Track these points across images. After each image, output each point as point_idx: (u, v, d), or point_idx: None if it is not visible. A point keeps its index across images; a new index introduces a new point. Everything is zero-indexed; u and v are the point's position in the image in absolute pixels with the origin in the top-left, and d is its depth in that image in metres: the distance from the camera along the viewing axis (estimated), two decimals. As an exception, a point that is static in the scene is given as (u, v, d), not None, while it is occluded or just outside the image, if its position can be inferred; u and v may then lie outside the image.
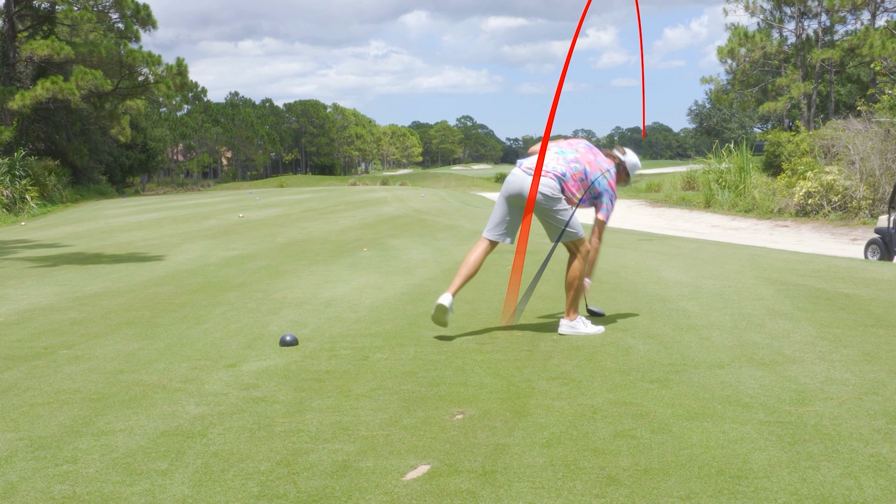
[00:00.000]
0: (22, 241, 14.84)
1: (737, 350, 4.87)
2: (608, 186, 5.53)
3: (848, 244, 15.89)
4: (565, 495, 2.83)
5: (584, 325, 5.41)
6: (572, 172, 5.40)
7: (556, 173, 5.34)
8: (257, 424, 3.66)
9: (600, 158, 5.58)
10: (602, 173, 5.50)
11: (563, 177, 5.35)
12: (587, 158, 5.51)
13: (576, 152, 5.51)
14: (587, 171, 5.46)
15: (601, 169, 5.52)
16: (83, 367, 4.77)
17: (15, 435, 3.57)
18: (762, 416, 3.61)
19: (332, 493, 2.89)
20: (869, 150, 20.90)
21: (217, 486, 2.96)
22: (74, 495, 2.91)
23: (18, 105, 30.32)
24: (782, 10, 39.24)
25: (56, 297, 7.53)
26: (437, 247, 11.68)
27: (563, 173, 5.36)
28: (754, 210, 23.66)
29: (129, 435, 3.54)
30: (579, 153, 5.51)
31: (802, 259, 9.70)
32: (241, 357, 4.97)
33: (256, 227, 16.50)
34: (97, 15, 35.15)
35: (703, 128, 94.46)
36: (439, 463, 3.15)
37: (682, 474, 2.98)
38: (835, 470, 3.00)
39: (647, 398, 3.92)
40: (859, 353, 4.74)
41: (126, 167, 50.81)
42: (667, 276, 8.14)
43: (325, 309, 6.58)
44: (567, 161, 5.42)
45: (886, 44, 30.04)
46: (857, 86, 43.30)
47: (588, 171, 5.46)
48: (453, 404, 3.90)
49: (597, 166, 5.51)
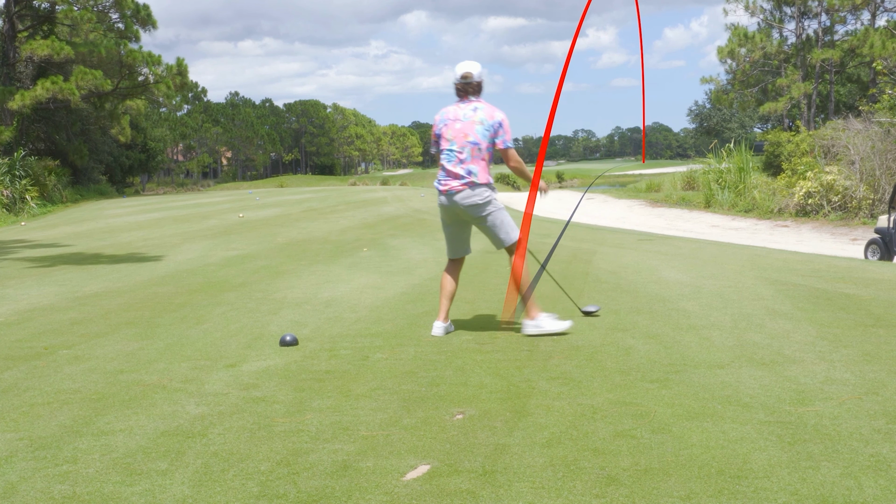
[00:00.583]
0: (22, 241, 14.84)
1: (737, 350, 4.87)
2: (490, 125, 5.30)
3: (848, 244, 15.89)
4: (565, 495, 2.83)
5: (549, 322, 5.36)
6: (470, 161, 5.29)
7: (468, 179, 5.26)
8: (257, 424, 3.66)
9: (466, 121, 5.32)
10: (478, 123, 5.30)
11: (471, 174, 5.28)
12: (462, 134, 5.30)
13: (453, 142, 5.32)
14: (472, 143, 5.28)
15: (473, 127, 5.30)
16: (83, 367, 4.77)
17: (15, 435, 3.58)
18: (762, 416, 3.61)
19: (332, 493, 2.89)
20: (869, 150, 20.90)
21: (217, 486, 2.96)
22: (74, 495, 2.91)
23: (18, 105, 30.34)
24: (782, 11, 39.27)
25: (56, 297, 7.53)
26: (437, 247, 11.68)
27: (468, 171, 5.28)
28: (754, 210, 23.66)
29: (129, 435, 3.54)
30: (457, 139, 5.31)
31: (802, 259, 9.71)
32: (241, 357, 4.97)
33: (256, 227, 16.50)
34: (97, 15, 35.17)
35: (703, 128, 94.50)
36: (439, 463, 3.15)
37: (682, 474, 2.98)
38: (835, 470, 3.00)
39: (647, 398, 3.92)
40: (859, 353, 4.74)
41: (126, 167, 50.85)
42: (667, 276, 8.14)
43: (325, 309, 6.58)
44: (461, 160, 5.28)
45: (886, 44, 30.06)
46: (858, 86, 43.34)
47: (475, 143, 5.29)
48: (453, 404, 3.90)
49: (471, 129, 5.29)
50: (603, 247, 11.24)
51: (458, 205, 5.34)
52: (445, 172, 5.36)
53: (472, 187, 5.30)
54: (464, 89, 5.43)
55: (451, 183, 5.33)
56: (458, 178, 5.31)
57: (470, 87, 5.42)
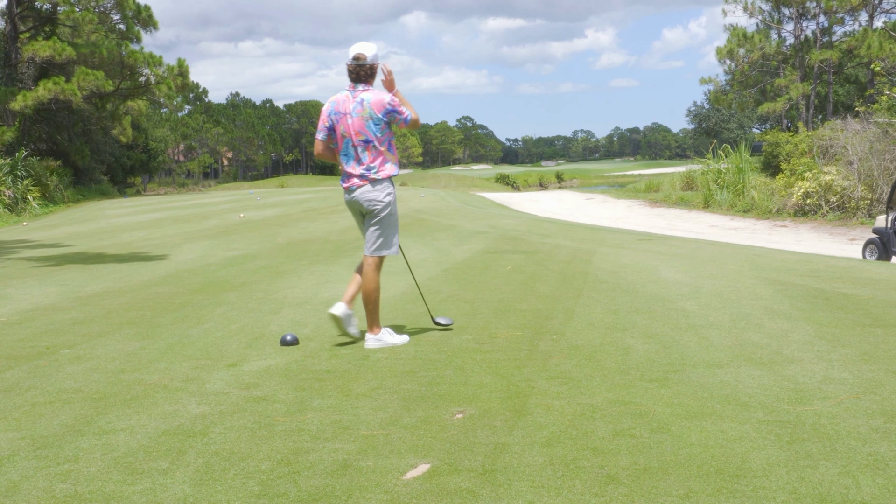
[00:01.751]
0: (24, 242, 14.85)
1: (735, 349, 4.89)
2: (381, 118, 5.05)
3: (846, 244, 15.92)
4: (565, 494, 2.84)
5: (391, 336, 5.23)
6: (368, 159, 5.08)
7: (369, 176, 5.08)
8: (258, 424, 3.67)
9: (356, 117, 5.06)
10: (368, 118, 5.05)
11: (371, 170, 5.07)
12: (355, 132, 5.06)
13: (347, 140, 5.09)
14: (365, 140, 5.06)
15: (364, 125, 5.05)
16: (85, 367, 4.79)
17: (17, 434, 3.59)
18: (761, 416, 3.63)
19: (332, 491, 2.91)
20: (867, 150, 20.93)
21: (218, 485, 2.98)
22: (76, 494, 2.92)
23: (20, 106, 30.42)
24: (781, 11, 39.28)
25: (58, 297, 7.54)
26: (437, 247, 11.70)
27: (368, 168, 5.08)
28: (753, 210, 23.68)
29: (131, 434, 3.56)
30: (350, 137, 5.08)
31: (801, 259, 9.72)
32: (241, 356, 4.99)
33: (257, 227, 16.51)
34: (99, 16, 35.22)
35: (702, 128, 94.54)
36: (439, 462, 3.16)
37: (681, 473, 3.00)
38: (833, 469, 3.01)
39: (646, 397, 3.94)
40: (857, 353, 4.76)
41: (127, 167, 50.89)
42: (666, 275, 8.15)
43: (326, 308, 6.59)
44: (359, 160, 5.10)
45: (884, 45, 30.04)
46: (856, 86, 43.33)
47: (367, 140, 5.05)
48: (453, 403, 3.92)
49: (362, 127, 5.05)
50: (602, 247, 11.25)
51: (359, 200, 5.13)
52: (346, 172, 5.15)
53: (372, 183, 5.10)
54: (355, 72, 5.07)
55: (353, 180, 5.12)
56: (358, 176, 5.10)
57: (362, 69, 5.06)
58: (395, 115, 5.09)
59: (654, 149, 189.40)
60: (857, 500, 2.76)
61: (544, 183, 74.10)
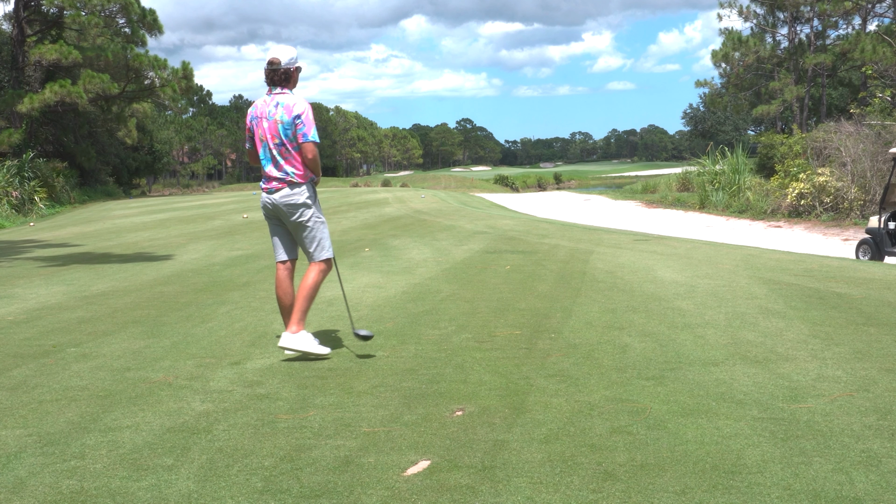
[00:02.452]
0: (31, 242, 14.89)
1: (731, 348, 4.94)
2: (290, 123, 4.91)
3: (840, 244, 15.99)
4: (563, 490, 2.89)
5: (311, 342, 4.96)
6: (284, 162, 4.97)
7: (287, 179, 4.96)
8: (261, 421, 3.72)
9: (270, 120, 4.95)
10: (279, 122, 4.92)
11: (289, 174, 4.96)
12: (270, 135, 4.95)
13: (265, 143, 4.98)
14: (279, 144, 4.93)
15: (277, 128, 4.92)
16: (91, 365, 4.84)
17: (24, 431, 3.64)
18: (756, 413, 3.68)
19: (334, 488, 2.95)
20: (860, 152, 21.00)
21: (222, 482, 3.02)
22: (82, 490, 2.97)
23: (27, 108, 30.55)
24: (775, 15, 39.39)
25: (64, 296, 7.59)
26: (438, 247, 11.75)
27: (285, 172, 4.96)
28: (748, 211, 23.75)
29: (136, 431, 3.60)
30: (266, 140, 4.97)
31: (795, 259, 9.77)
32: (245, 355, 5.04)
33: (260, 227, 16.53)
34: (104, 20, 35.33)
35: (697, 130, 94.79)
36: (439, 458, 3.21)
37: (677, 470, 3.04)
38: (827, 465, 3.06)
39: (642, 395, 3.99)
40: (851, 351, 4.81)
41: (132, 169, 50.94)
42: (662, 275, 8.20)
43: (327, 308, 6.64)
44: (276, 163, 4.99)
45: (877, 48, 30.08)
46: (849, 89, 43.39)
47: (280, 143, 4.93)
48: (453, 401, 3.96)
49: (275, 130, 4.92)
50: (600, 247, 11.30)
51: (278, 203, 5.01)
52: (266, 175, 5.06)
53: (290, 186, 4.99)
54: (269, 76, 5.00)
55: (273, 183, 5.03)
56: (277, 179, 5.00)
57: (276, 74, 4.96)
58: (299, 124, 4.92)
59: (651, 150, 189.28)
60: (851, 496, 2.80)
61: (543, 184, 74.14)
